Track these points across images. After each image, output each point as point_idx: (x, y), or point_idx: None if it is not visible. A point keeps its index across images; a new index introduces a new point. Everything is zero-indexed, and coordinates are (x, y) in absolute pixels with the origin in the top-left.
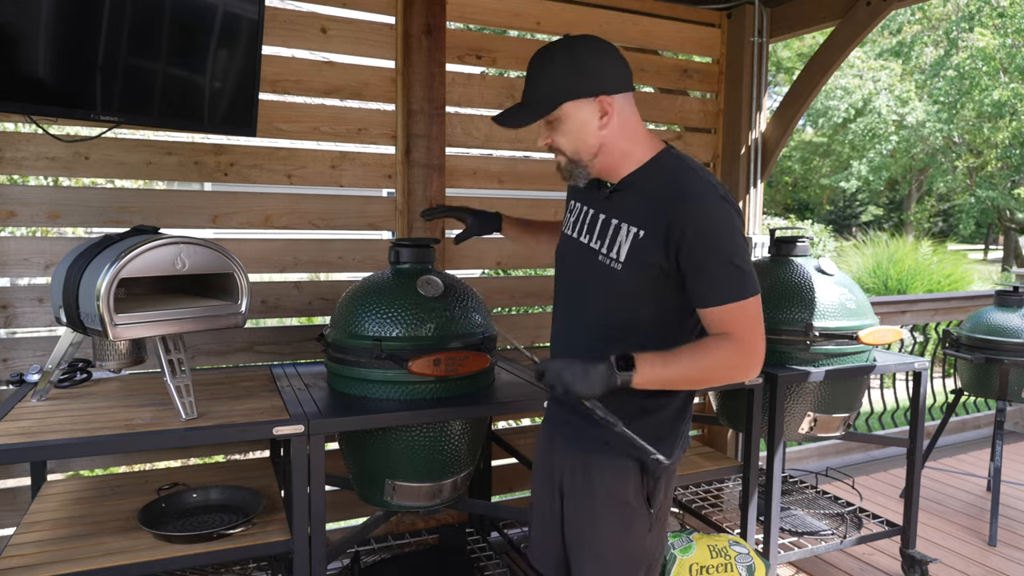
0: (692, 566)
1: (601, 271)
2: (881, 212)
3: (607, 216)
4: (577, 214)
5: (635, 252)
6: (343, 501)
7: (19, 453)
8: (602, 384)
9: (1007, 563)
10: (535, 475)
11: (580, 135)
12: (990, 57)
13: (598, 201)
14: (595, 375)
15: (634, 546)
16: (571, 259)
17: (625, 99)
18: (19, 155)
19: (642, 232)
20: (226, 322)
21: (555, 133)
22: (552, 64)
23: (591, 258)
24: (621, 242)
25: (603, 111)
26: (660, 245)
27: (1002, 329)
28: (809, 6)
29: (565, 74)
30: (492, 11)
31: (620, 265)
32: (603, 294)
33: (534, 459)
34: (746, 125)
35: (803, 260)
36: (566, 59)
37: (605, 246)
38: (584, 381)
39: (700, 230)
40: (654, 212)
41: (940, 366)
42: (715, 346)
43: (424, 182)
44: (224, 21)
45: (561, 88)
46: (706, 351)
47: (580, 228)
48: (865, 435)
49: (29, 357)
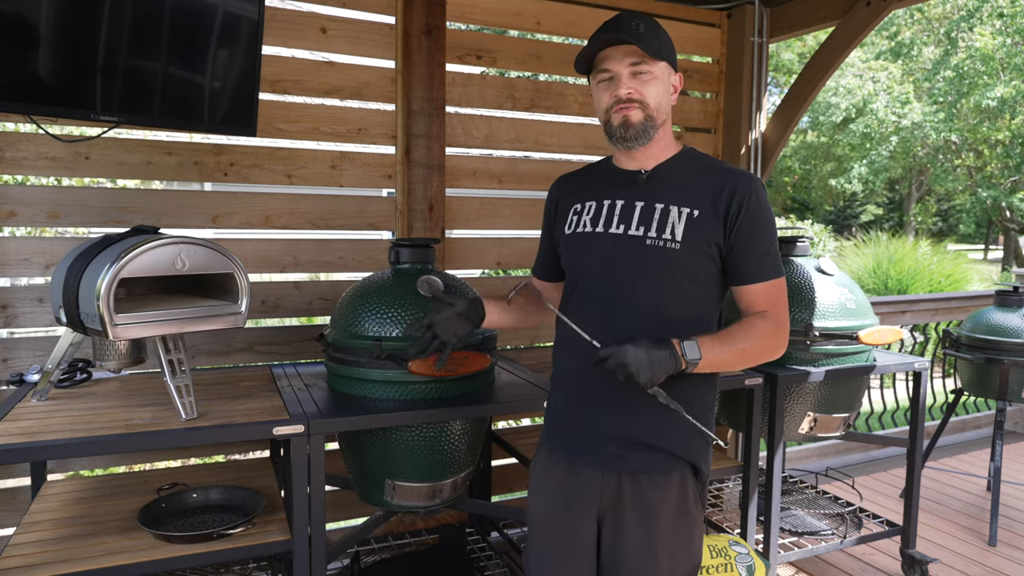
0: None
1: (655, 254)
2: (881, 212)
3: (647, 202)
4: (595, 211)
5: (692, 230)
6: (343, 501)
7: (19, 453)
8: (665, 371)
9: (1007, 563)
10: (543, 506)
11: (662, 96)
12: (989, 57)
13: (628, 191)
14: (659, 361)
15: (696, 554)
16: (604, 251)
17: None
18: (19, 155)
19: (696, 212)
20: (226, 322)
21: (644, 85)
22: (659, 28)
23: (636, 245)
24: (674, 223)
25: (675, 87)
26: (719, 222)
27: (1002, 329)
28: (809, 6)
29: (668, 40)
30: (492, 11)
31: (678, 244)
32: (653, 279)
33: (536, 488)
34: (746, 125)
35: (803, 260)
36: (664, 32)
37: (654, 230)
38: (648, 368)
39: (753, 208)
40: (706, 192)
41: (940, 366)
42: (761, 325)
43: (424, 182)
44: (224, 21)
45: (666, 49)
46: (755, 330)
47: (608, 221)
48: (865, 435)
49: (29, 357)
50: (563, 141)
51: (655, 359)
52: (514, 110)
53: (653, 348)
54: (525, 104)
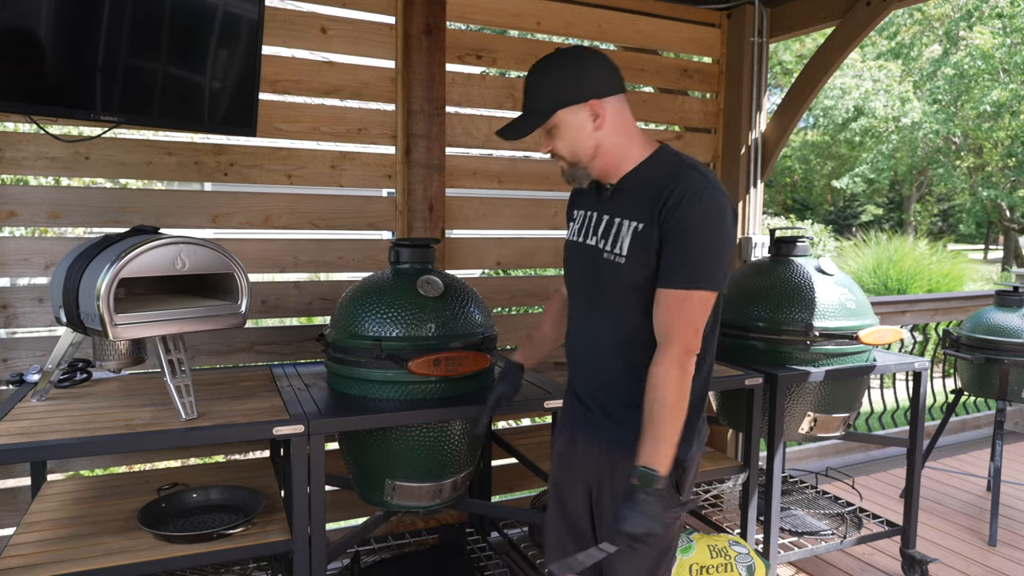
0: (692, 566)
1: (607, 268)
2: (881, 212)
3: (610, 216)
4: (582, 220)
5: (635, 245)
6: (343, 501)
7: (19, 453)
8: (662, 506)
9: (1007, 563)
10: (559, 475)
11: (576, 139)
12: (988, 56)
13: (600, 204)
14: (650, 511)
15: (666, 533)
16: (579, 262)
17: (618, 101)
18: (19, 155)
19: (640, 225)
20: (226, 322)
21: (554, 140)
22: (545, 76)
23: (597, 257)
24: (623, 238)
25: (595, 114)
26: (655, 234)
27: (1002, 329)
28: (809, 6)
29: (557, 84)
30: (492, 11)
31: (624, 259)
32: (610, 291)
33: (554, 460)
34: (746, 125)
35: (803, 260)
36: (557, 70)
37: (609, 243)
38: (646, 520)
39: (684, 211)
40: (650, 203)
41: (940, 366)
42: (662, 371)
43: (424, 182)
44: (224, 21)
45: (554, 97)
46: (657, 402)
47: (585, 232)
48: (865, 435)
49: (29, 357)
50: None
51: (648, 510)
52: (514, 110)
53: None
54: None
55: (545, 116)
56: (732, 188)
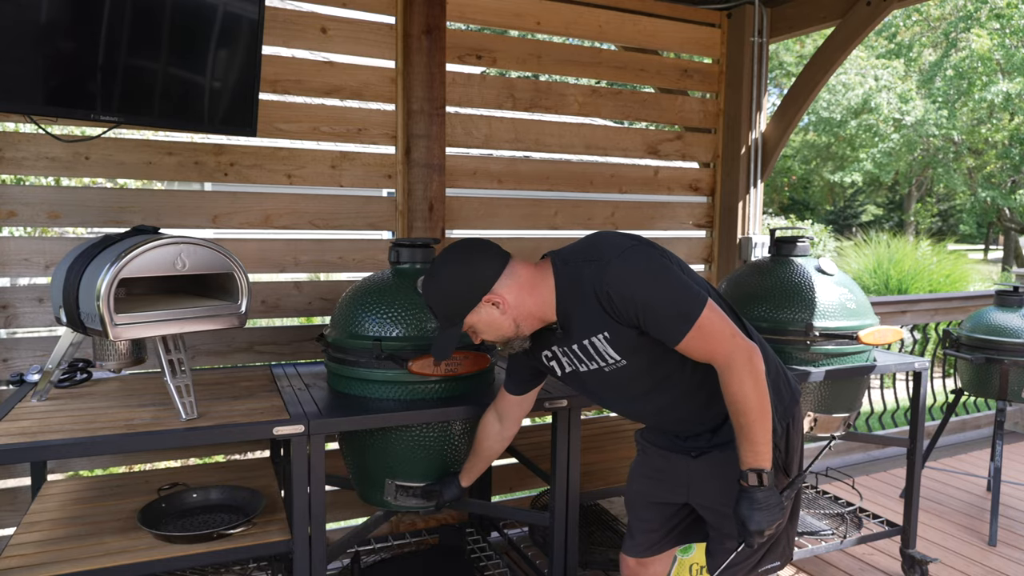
0: (692, 566)
1: (619, 374)
2: (881, 212)
3: (579, 343)
4: (560, 357)
5: (618, 347)
6: (343, 501)
7: (19, 453)
8: (779, 500)
9: (1007, 563)
10: (651, 488)
11: (494, 326)
12: (987, 58)
13: (561, 340)
14: (770, 503)
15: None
16: (593, 383)
17: (507, 276)
18: (19, 155)
19: (606, 333)
20: (226, 322)
21: (479, 335)
22: (437, 295)
23: (603, 373)
24: (604, 350)
25: (495, 303)
26: (625, 331)
27: (1002, 329)
28: (809, 6)
29: (449, 298)
30: (492, 11)
31: (624, 362)
32: (636, 382)
33: (645, 476)
34: (746, 125)
35: (803, 260)
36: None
37: (599, 360)
38: (769, 514)
39: (625, 295)
40: (595, 315)
41: (940, 366)
42: (735, 387)
43: (424, 182)
44: (224, 21)
45: (455, 310)
46: (737, 399)
47: (575, 362)
48: (865, 435)
49: (29, 357)
50: (563, 141)
51: (768, 506)
52: (514, 110)
53: (755, 503)
54: (525, 104)
55: (457, 327)
56: (732, 188)
